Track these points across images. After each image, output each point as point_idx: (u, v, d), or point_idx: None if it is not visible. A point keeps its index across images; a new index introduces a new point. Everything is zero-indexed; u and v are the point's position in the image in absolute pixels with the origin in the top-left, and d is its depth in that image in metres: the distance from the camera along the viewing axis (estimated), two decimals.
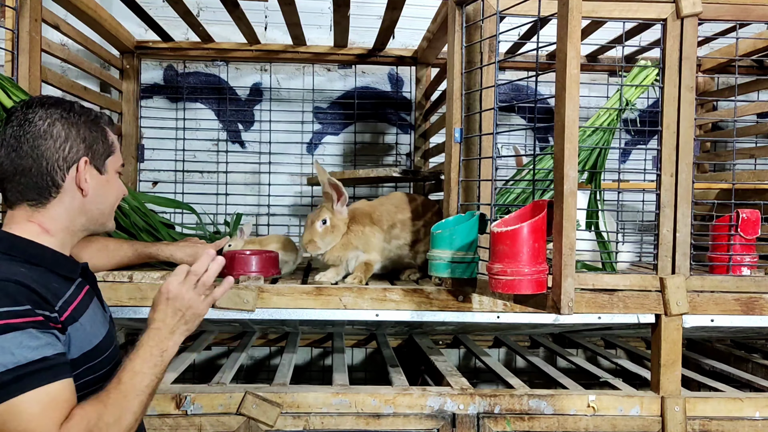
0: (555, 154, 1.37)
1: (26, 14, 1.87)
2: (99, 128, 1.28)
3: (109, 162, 1.29)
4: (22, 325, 1.06)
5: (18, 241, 1.20)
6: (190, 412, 1.76)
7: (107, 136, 1.30)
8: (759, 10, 1.82)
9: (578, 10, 1.33)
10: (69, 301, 1.20)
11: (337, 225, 1.99)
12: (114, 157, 1.31)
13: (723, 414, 1.85)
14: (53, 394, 1.06)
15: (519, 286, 1.37)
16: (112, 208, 1.32)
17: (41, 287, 1.13)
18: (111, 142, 1.30)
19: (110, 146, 1.30)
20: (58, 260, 1.23)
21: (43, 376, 1.06)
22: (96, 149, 1.26)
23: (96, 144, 1.26)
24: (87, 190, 1.24)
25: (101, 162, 1.28)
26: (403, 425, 1.81)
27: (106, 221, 1.31)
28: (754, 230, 1.89)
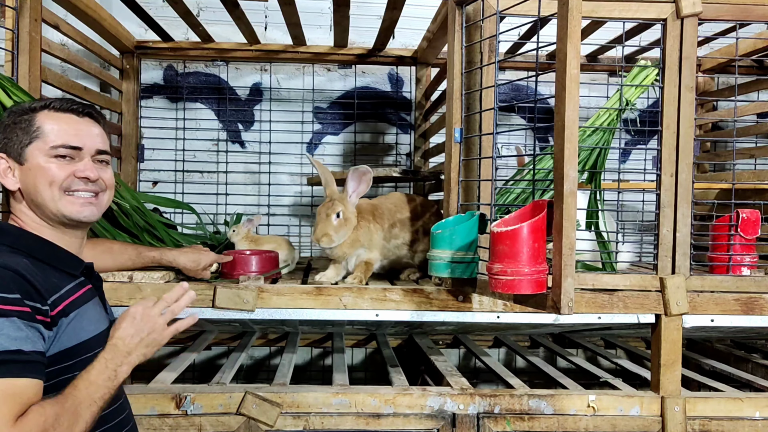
0: (555, 154, 1.37)
1: (26, 14, 1.87)
2: (23, 118, 1.26)
3: (30, 149, 1.24)
4: (9, 312, 1.06)
5: (23, 235, 1.23)
6: (190, 412, 1.76)
7: (32, 123, 1.25)
8: (759, 10, 1.82)
9: (578, 10, 1.33)
10: (65, 296, 1.20)
11: (349, 218, 1.96)
12: (37, 142, 1.25)
13: (723, 414, 1.85)
14: (17, 389, 1.05)
15: (519, 286, 1.37)
16: (48, 192, 1.25)
17: (38, 279, 1.13)
18: (35, 128, 1.25)
19: (33, 132, 1.25)
20: (59, 255, 1.25)
21: (12, 368, 1.05)
22: (13, 142, 1.25)
23: (12, 136, 1.25)
24: (11, 185, 1.25)
25: (18, 152, 1.25)
26: (403, 425, 1.81)
27: (59, 207, 1.25)
28: (754, 230, 1.89)
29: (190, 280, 1.89)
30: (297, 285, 1.89)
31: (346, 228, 1.95)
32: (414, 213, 2.13)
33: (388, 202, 2.14)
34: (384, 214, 2.08)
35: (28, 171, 1.25)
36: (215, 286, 1.83)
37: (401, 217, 2.11)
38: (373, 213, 2.07)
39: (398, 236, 2.08)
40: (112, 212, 1.97)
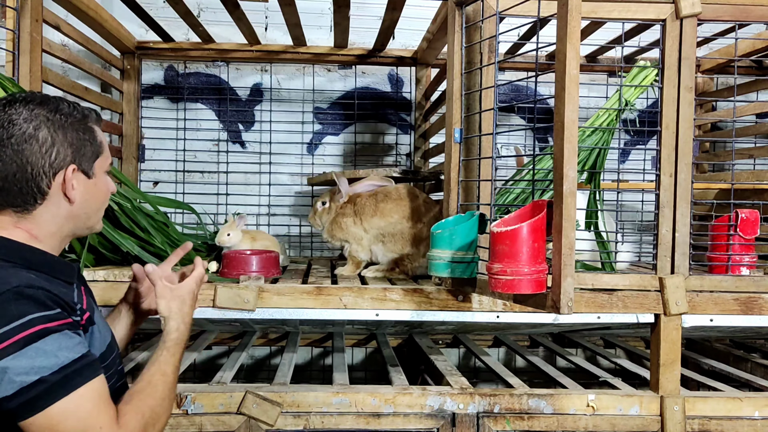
0: (554, 154, 1.38)
1: (27, 15, 1.88)
2: (87, 129, 1.22)
3: (98, 164, 1.23)
4: (58, 327, 1.07)
5: (14, 246, 1.16)
6: (190, 411, 1.77)
7: (95, 137, 1.23)
8: (758, 10, 1.82)
9: (578, 11, 1.33)
10: (80, 304, 1.21)
11: (332, 209, 2.24)
12: (102, 157, 1.24)
13: (722, 413, 1.85)
14: (99, 389, 1.10)
15: (519, 285, 1.37)
16: (99, 211, 1.28)
17: (57, 292, 1.12)
18: (99, 142, 1.23)
19: (99, 147, 1.23)
20: (57, 265, 1.21)
21: (86, 373, 1.08)
22: (84, 153, 1.20)
23: (84, 147, 1.20)
24: (74, 198, 1.19)
25: (89, 165, 1.21)
26: (403, 425, 1.82)
27: (94, 224, 1.28)
28: (753, 230, 1.89)
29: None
30: (297, 285, 1.89)
31: (327, 216, 2.24)
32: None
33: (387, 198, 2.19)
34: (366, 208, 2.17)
35: (94, 186, 1.23)
36: (215, 285, 1.83)
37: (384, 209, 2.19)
38: (354, 208, 2.20)
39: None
40: (113, 212, 1.98)
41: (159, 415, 1.18)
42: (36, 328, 1.04)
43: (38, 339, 1.04)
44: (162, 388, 1.22)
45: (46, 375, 1.03)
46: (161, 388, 1.22)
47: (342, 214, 2.20)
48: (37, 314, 1.05)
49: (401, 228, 2.12)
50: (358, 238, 2.18)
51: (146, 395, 1.19)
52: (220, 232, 2.16)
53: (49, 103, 1.19)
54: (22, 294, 1.05)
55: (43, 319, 1.05)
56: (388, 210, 2.13)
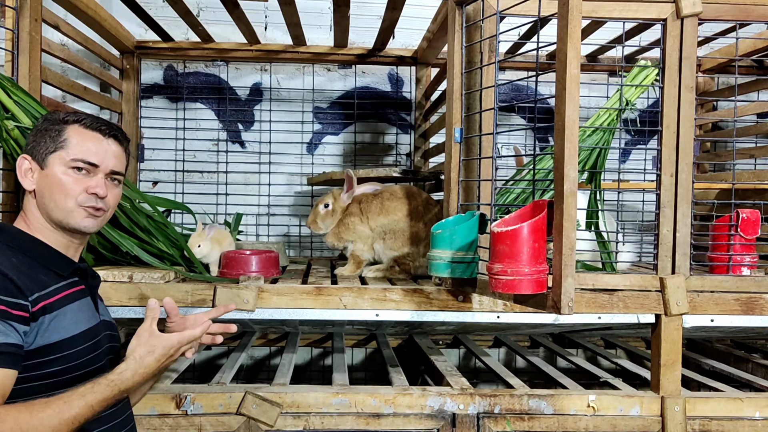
0: (555, 154, 1.37)
1: (26, 14, 1.87)
2: (54, 128, 1.36)
3: (52, 157, 1.34)
4: None
5: (19, 234, 1.33)
6: (190, 412, 1.76)
7: (61, 134, 1.35)
8: (759, 10, 1.82)
9: (578, 10, 1.33)
10: (51, 294, 1.25)
11: (336, 210, 2.20)
12: (61, 152, 1.34)
13: (723, 414, 1.85)
14: None
15: (519, 286, 1.37)
16: (63, 202, 1.33)
17: (21, 277, 1.20)
18: (63, 139, 1.35)
19: (60, 142, 1.34)
20: (49, 255, 1.32)
21: None
22: (39, 147, 1.35)
23: (40, 141, 1.35)
24: (27, 185, 1.35)
25: (41, 157, 1.34)
26: (403, 425, 1.81)
27: (61, 217, 1.33)
28: (754, 230, 1.89)
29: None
30: (297, 285, 1.89)
31: (332, 218, 2.21)
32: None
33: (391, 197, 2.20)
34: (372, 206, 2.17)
35: (46, 176, 1.34)
36: (215, 286, 1.83)
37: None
38: (360, 206, 2.19)
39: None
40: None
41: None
42: None
43: None
44: (51, 414, 1.13)
45: None
46: (49, 413, 1.13)
47: (349, 214, 2.20)
48: None
49: (403, 226, 2.12)
50: (365, 237, 2.19)
51: (27, 411, 1.12)
52: (189, 244, 2.04)
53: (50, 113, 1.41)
54: None
55: None
56: (393, 208, 2.15)
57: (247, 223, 3.20)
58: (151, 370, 1.30)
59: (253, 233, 3.25)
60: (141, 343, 1.31)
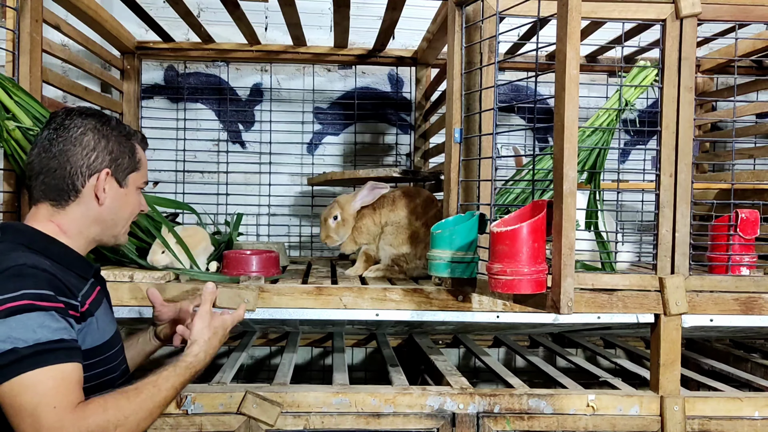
0: (554, 155, 1.38)
1: (27, 15, 1.87)
2: (128, 144, 1.36)
3: (132, 177, 1.36)
4: (47, 307, 1.13)
5: (39, 236, 1.28)
6: (190, 411, 1.77)
7: (135, 153, 1.37)
8: (758, 10, 1.82)
9: (578, 11, 1.33)
10: (86, 296, 1.27)
11: (347, 219, 2.20)
12: (138, 173, 1.38)
13: (722, 413, 1.85)
14: (67, 374, 1.12)
15: (519, 285, 1.37)
16: (126, 222, 1.38)
17: (63, 279, 1.21)
18: (138, 159, 1.38)
19: (136, 163, 1.37)
20: (74, 259, 1.31)
21: (59, 356, 1.11)
22: (120, 163, 1.34)
23: (121, 158, 1.34)
24: (103, 200, 1.32)
25: (123, 176, 1.35)
26: (403, 425, 1.82)
27: (119, 234, 1.38)
28: (753, 230, 1.89)
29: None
30: (297, 285, 1.89)
31: (345, 228, 2.20)
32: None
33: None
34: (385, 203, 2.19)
35: (124, 196, 1.36)
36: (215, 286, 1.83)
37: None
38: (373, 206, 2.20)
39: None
40: None
41: (128, 423, 1.15)
42: (24, 302, 1.10)
43: (23, 312, 1.10)
44: (145, 398, 1.19)
45: (19, 346, 1.08)
46: (144, 398, 1.19)
47: (362, 217, 2.21)
48: (31, 291, 1.12)
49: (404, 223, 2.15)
50: (375, 234, 2.22)
51: (124, 397, 1.17)
52: (152, 251, 1.91)
53: (101, 116, 1.35)
54: (23, 272, 1.14)
55: (34, 296, 1.12)
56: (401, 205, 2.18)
57: (247, 223, 3.20)
58: (216, 348, 1.40)
59: (253, 233, 3.26)
60: (206, 325, 1.39)
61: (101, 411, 1.11)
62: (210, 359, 1.38)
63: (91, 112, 1.34)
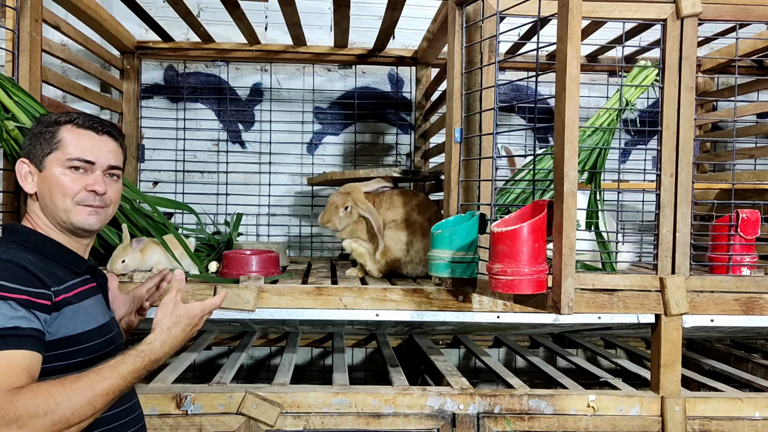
0: (555, 155, 1.38)
1: (27, 14, 1.87)
2: (47, 130, 1.37)
3: (49, 159, 1.35)
4: (5, 297, 1.16)
5: (32, 234, 1.35)
6: (190, 411, 1.76)
7: (55, 135, 1.36)
8: (759, 10, 1.82)
9: (578, 11, 1.33)
10: (70, 288, 1.30)
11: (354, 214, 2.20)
12: (57, 152, 1.35)
13: (723, 414, 1.85)
14: (12, 360, 1.13)
15: (519, 286, 1.37)
16: (62, 202, 1.35)
17: (40, 271, 1.24)
18: (57, 140, 1.36)
19: (55, 143, 1.36)
20: (63, 254, 1.35)
21: (9, 342, 1.14)
22: (34, 150, 1.36)
23: (36, 144, 1.36)
24: (27, 188, 1.37)
25: (39, 160, 1.36)
26: (403, 425, 1.81)
27: (63, 217, 1.36)
28: (754, 230, 1.89)
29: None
30: (297, 285, 1.89)
31: (348, 220, 2.19)
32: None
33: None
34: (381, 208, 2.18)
35: (45, 178, 1.36)
36: (215, 286, 1.83)
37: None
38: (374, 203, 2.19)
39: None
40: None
41: (60, 409, 1.12)
42: None
43: None
44: (83, 385, 1.17)
45: None
46: (81, 385, 1.16)
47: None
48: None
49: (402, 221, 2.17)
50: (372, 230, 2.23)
51: (59, 384, 1.15)
52: (112, 259, 1.88)
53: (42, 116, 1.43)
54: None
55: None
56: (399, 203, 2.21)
57: (247, 223, 3.20)
58: (178, 340, 1.36)
59: (253, 233, 3.25)
60: (167, 314, 1.36)
61: (31, 396, 1.11)
62: (171, 348, 1.33)
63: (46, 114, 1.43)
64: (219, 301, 1.46)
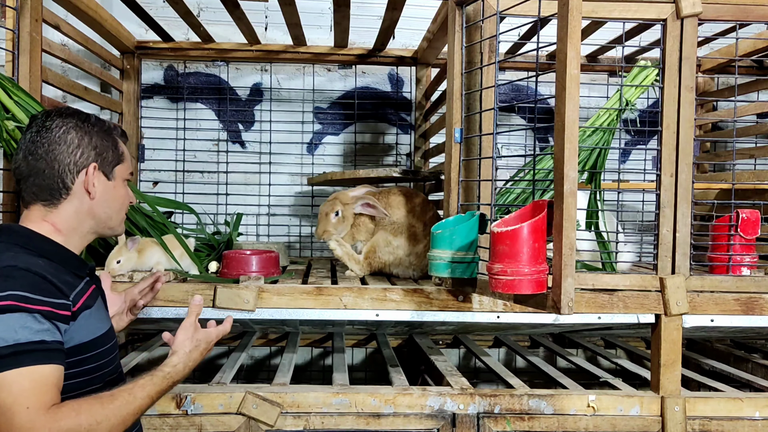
0: (555, 154, 1.38)
1: (27, 14, 1.87)
2: (110, 138, 1.38)
3: (117, 169, 1.38)
4: (30, 309, 1.14)
5: (34, 236, 1.29)
6: (190, 411, 1.76)
7: (118, 146, 1.39)
8: (759, 10, 1.82)
9: (578, 11, 1.33)
10: (80, 293, 1.28)
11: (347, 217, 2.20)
12: (122, 165, 1.40)
13: (723, 414, 1.85)
14: (44, 375, 1.12)
15: (519, 286, 1.37)
16: (119, 213, 1.40)
17: (57, 279, 1.22)
18: (121, 152, 1.40)
19: (120, 155, 1.39)
20: (69, 258, 1.32)
21: (38, 357, 1.12)
22: (105, 156, 1.35)
23: (106, 152, 1.36)
24: (94, 194, 1.33)
25: (109, 168, 1.36)
26: (403, 425, 1.81)
27: (115, 226, 1.40)
28: (754, 230, 1.89)
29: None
30: (297, 285, 1.89)
31: (344, 224, 2.20)
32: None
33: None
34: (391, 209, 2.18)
35: (112, 188, 1.38)
36: (215, 286, 1.83)
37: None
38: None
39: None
40: None
41: (100, 428, 1.14)
42: (8, 302, 1.12)
43: (6, 312, 1.12)
44: (120, 405, 1.19)
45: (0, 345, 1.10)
46: (118, 405, 1.18)
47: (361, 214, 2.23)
48: (17, 292, 1.14)
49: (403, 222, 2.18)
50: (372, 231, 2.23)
51: (99, 403, 1.16)
52: (108, 260, 1.86)
53: (80, 114, 1.37)
54: (12, 273, 1.16)
55: (20, 298, 1.13)
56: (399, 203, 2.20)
57: (247, 223, 3.20)
58: (197, 362, 1.41)
59: (253, 233, 3.25)
60: (188, 337, 1.41)
61: (74, 415, 1.11)
62: (189, 371, 1.40)
63: (69, 111, 1.36)
64: (228, 327, 1.52)
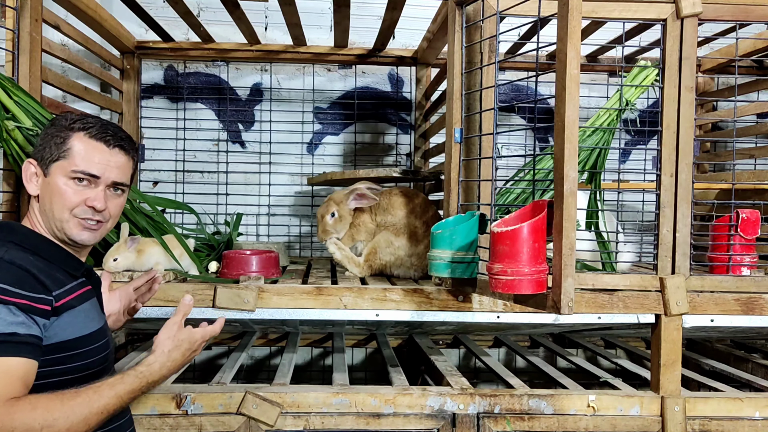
0: (555, 154, 1.38)
1: (27, 14, 1.87)
2: (60, 134, 1.32)
3: (55, 165, 1.31)
4: (6, 301, 1.14)
5: (31, 234, 1.32)
6: (190, 411, 1.76)
7: (65, 142, 1.31)
8: (759, 10, 1.82)
9: (578, 11, 1.33)
10: (70, 291, 1.27)
11: (344, 216, 2.21)
12: (63, 161, 1.31)
13: (723, 414, 1.85)
14: (10, 367, 1.12)
15: (519, 286, 1.37)
16: (61, 212, 1.31)
17: (42, 274, 1.22)
18: (66, 148, 1.31)
19: (63, 151, 1.31)
20: (62, 257, 1.32)
21: (6, 348, 1.12)
22: (45, 153, 1.32)
23: (46, 148, 1.32)
24: (30, 189, 1.34)
25: (45, 164, 1.32)
26: (403, 425, 1.81)
27: (63, 227, 1.32)
28: (754, 230, 1.89)
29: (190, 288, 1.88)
30: (297, 285, 1.89)
31: (342, 224, 2.21)
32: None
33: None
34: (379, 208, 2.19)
35: (48, 184, 1.33)
36: (215, 286, 1.83)
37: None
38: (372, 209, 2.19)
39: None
40: None
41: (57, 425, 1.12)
42: None
43: None
44: (81, 402, 1.16)
45: None
46: (79, 402, 1.16)
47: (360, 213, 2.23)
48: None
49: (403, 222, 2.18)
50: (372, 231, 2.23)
51: (58, 399, 1.14)
52: (106, 257, 1.87)
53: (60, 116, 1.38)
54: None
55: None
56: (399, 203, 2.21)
57: (247, 223, 3.20)
58: (177, 363, 1.35)
59: (253, 233, 3.25)
60: (169, 336, 1.35)
61: (29, 409, 1.10)
62: (169, 372, 1.33)
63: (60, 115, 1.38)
64: (218, 328, 1.46)
